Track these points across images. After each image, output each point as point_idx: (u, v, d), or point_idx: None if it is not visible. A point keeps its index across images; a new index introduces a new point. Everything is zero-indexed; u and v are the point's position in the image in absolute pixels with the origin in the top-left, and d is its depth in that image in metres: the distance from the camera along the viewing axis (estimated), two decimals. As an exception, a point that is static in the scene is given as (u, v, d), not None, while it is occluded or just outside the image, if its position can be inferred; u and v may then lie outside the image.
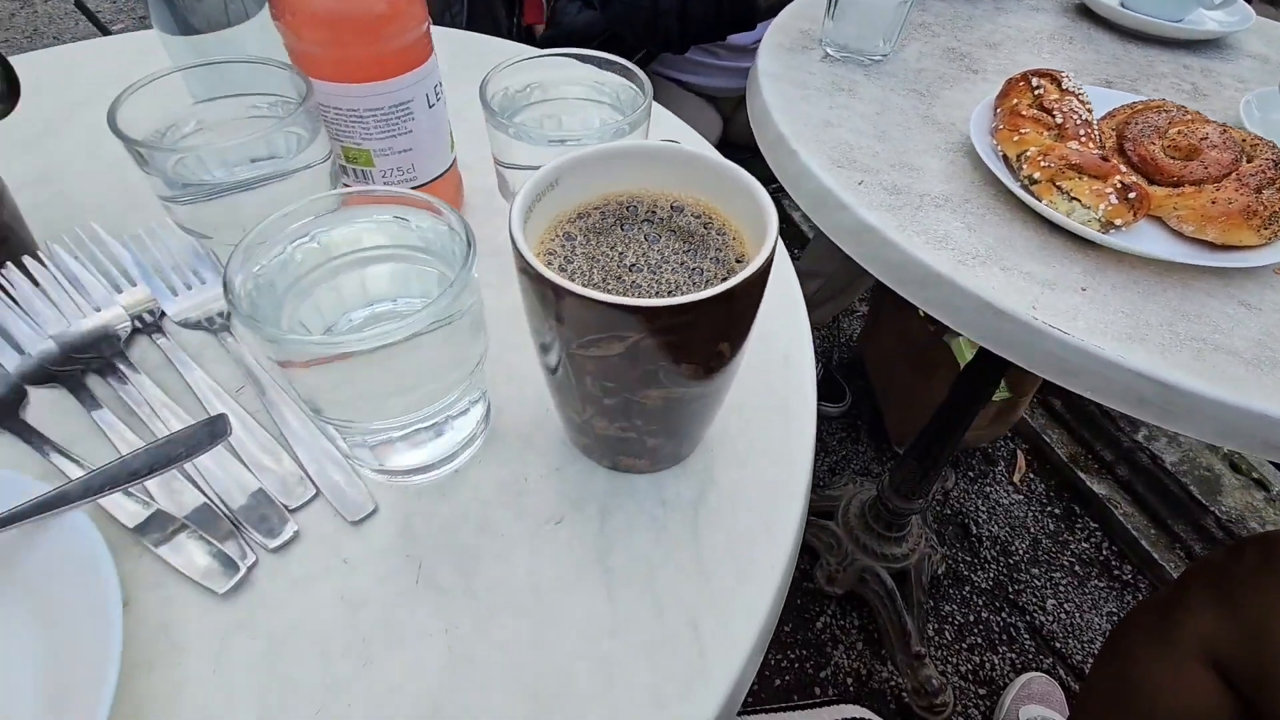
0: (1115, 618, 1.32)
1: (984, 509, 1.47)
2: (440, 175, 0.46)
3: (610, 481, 0.36)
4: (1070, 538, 1.44)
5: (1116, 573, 1.39)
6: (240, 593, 0.31)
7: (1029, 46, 0.77)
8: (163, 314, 0.42)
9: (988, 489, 1.51)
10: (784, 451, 0.38)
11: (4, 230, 0.41)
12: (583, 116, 0.42)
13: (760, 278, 0.26)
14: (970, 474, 1.53)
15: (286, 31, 0.38)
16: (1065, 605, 1.34)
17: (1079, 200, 0.51)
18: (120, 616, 0.27)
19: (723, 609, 0.32)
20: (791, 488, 0.36)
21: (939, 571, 1.35)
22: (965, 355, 1.43)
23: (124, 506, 0.32)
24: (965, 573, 1.38)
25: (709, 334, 0.27)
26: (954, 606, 1.33)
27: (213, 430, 0.32)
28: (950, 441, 1.10)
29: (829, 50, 0.73)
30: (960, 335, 1.48)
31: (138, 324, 0.41)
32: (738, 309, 0.27)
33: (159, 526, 0.32)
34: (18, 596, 0.30)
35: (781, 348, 0.43)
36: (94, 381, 0.38)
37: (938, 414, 1.09)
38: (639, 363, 0.27)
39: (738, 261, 0.30)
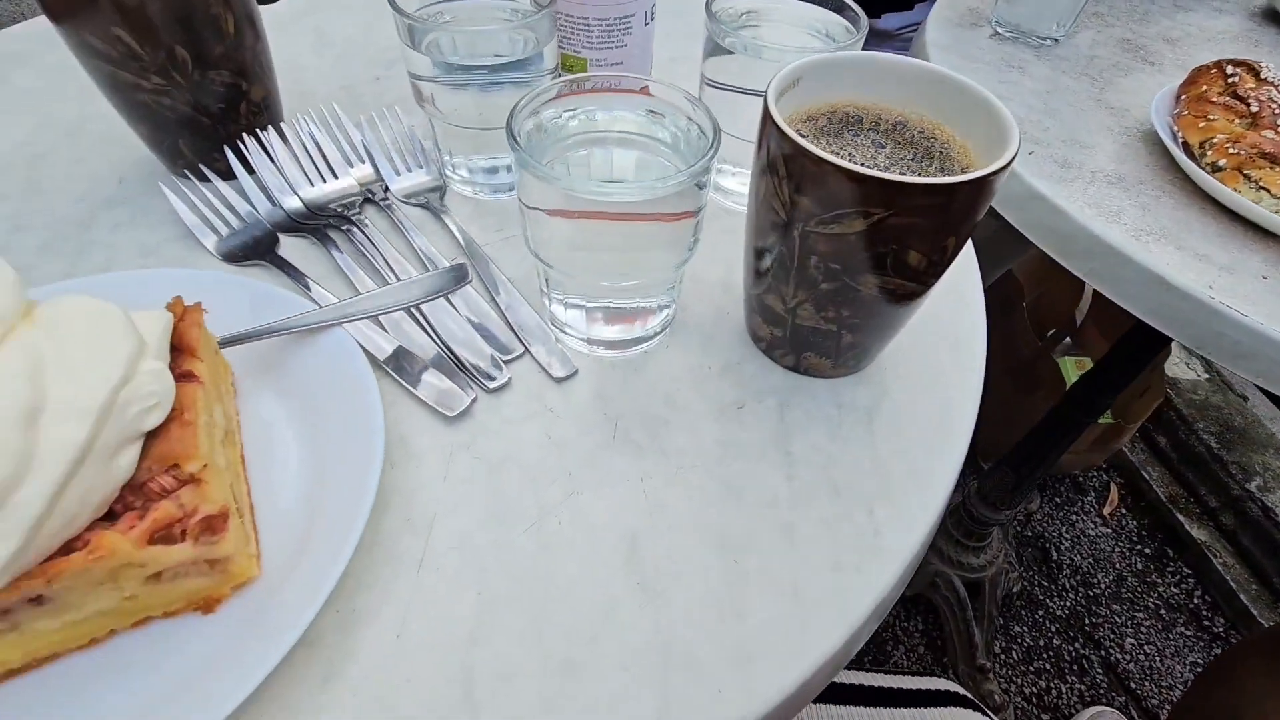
0: (1199, 668, 1.26)
1: (1068, 536, 1.42)
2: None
3: (787, 379, 0.38)
4: (1159, 580, 1.37)
5: (1207, 623, 1.32)
6: (464, 421, 0.35)
7: (1211, 46, 0.75)
8: (386, 189, 0.47)
9: (1074, 517, 1.45)
10: (955, 377, 0.39)
11: (267, 100, 0.46)
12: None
13: (1000, 176, 0.28)
14: (1057, 499, 1.48)
15: (538, -62, 0.42)
16: (1145, 647, 1.28)
17: (1268, 190, 0.50)
18: (383, 420, 0.31)
19: (897, 501, 0.34)
20: (963, 407, 0.38)
21: (1014, 590, 1.32)
22: (1071, 375, 1.38)
23: (374, 340, 0.37)
24: (1040, 597, 1.34)
25: (946, 224, 0.29)
26: (1025, 628, 1.30)
27: (456, 275, 0.36)
28: (1048, 458, 1.07)
29: (998, 29, 0.73)
30: (1069, 356, 1.43)
31: (367, 194, 0.46)
32: (975, 205, 0.29)
33: (400, 358, 0.37)
34: (286, 396, 0.34)
35: (953, 282, 0.44)
36: (334, 235, 0.43)
37: (1039, 427, 1.06)
38: (875, 243, 0.29)
39: (963, 173, 0.31)
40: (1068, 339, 1.45)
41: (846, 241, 0.29)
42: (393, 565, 0.30)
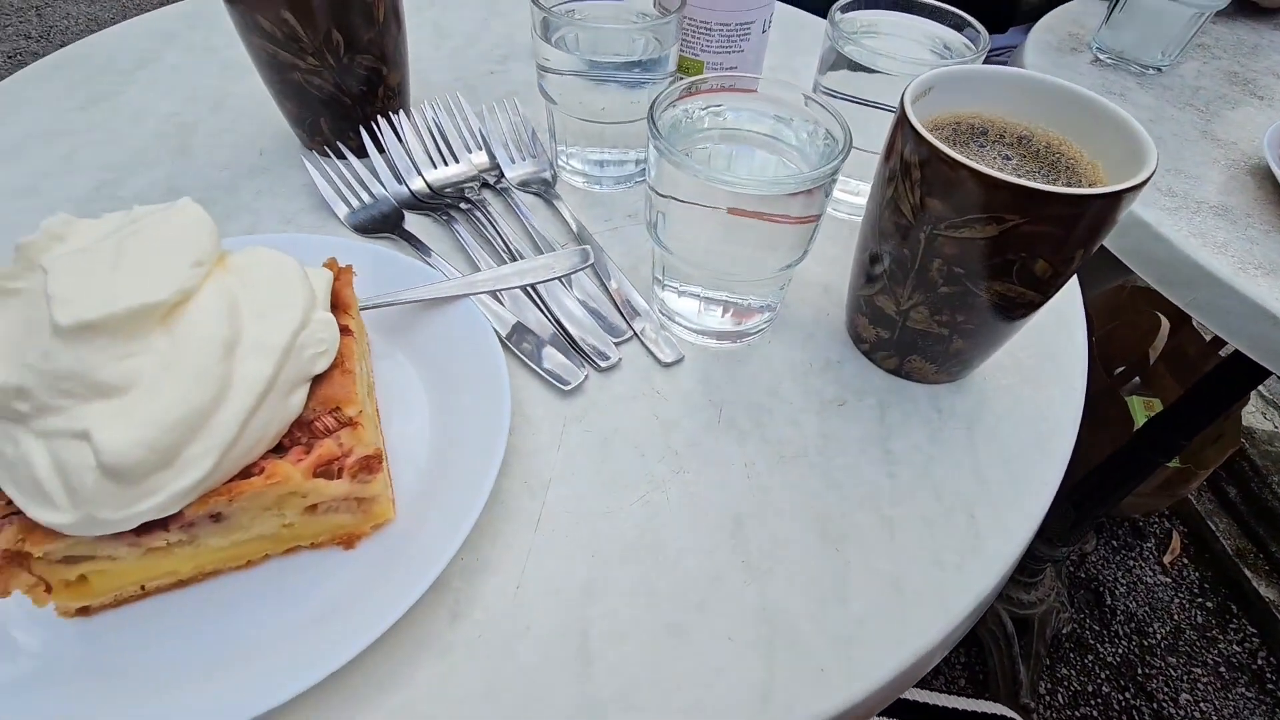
0: (1260, 732, 1.20)
1: (1124, 582, 1.38)
2: (747, 99, 0.50)
3: (887, 381, 0.39)
4: (1220, 636, 1.31)
5: (1271, 687, 1.26)
6: (577, 395, 0.37)
7: (1324, 84, 0.72)
8: (501, 175, 0.49)
9: (1131, 563, 1.40)
10: (1055, 393, 0.39)
11: (401, 86, 0.49)
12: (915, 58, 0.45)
13: (1136, 193, 0.28)
14: (1114, 542, 1.43)
15: (671, -56, 0.44)
16: (1201, 704, 1.23)
17: (1389, 231, 0.49)
18: (509, 386, 0.33)
19: (997, 507, 0.34)
20: (1063, 424, 0.38)
21: (1064, 631, 1.28)
22: (1139, 415, 1.34)
23: (498, 314, 0.39)
24: (1091, 641, 1.29)
25: (1077, 235, 0.29)
26: (1073, 671, 1.26)
27: (582, 257, 0.38)
28: (1110, 498, 1.05)
29: (1100, 55, 0.72)
30: (1137, 395, 1.39)
31: (485, 180, 0.49)
32: (1108, 218, 0.29)
33: (520, 333, 0.39)
34: (416, 358, 0.37)
35: (1055, 300, 0.44)
36: (454, 214, 0.46)
37: (1103, 465, 1.03)
38: (1004, 249, 0.30)
39: (1094, 187, 0.32)
40: (1137, 378, 1.41)
41: (975, 246, 0.30)
42: (512, 522, 0.32)
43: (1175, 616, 1.33)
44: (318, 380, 0.29)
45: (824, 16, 0.68)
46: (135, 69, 0.57)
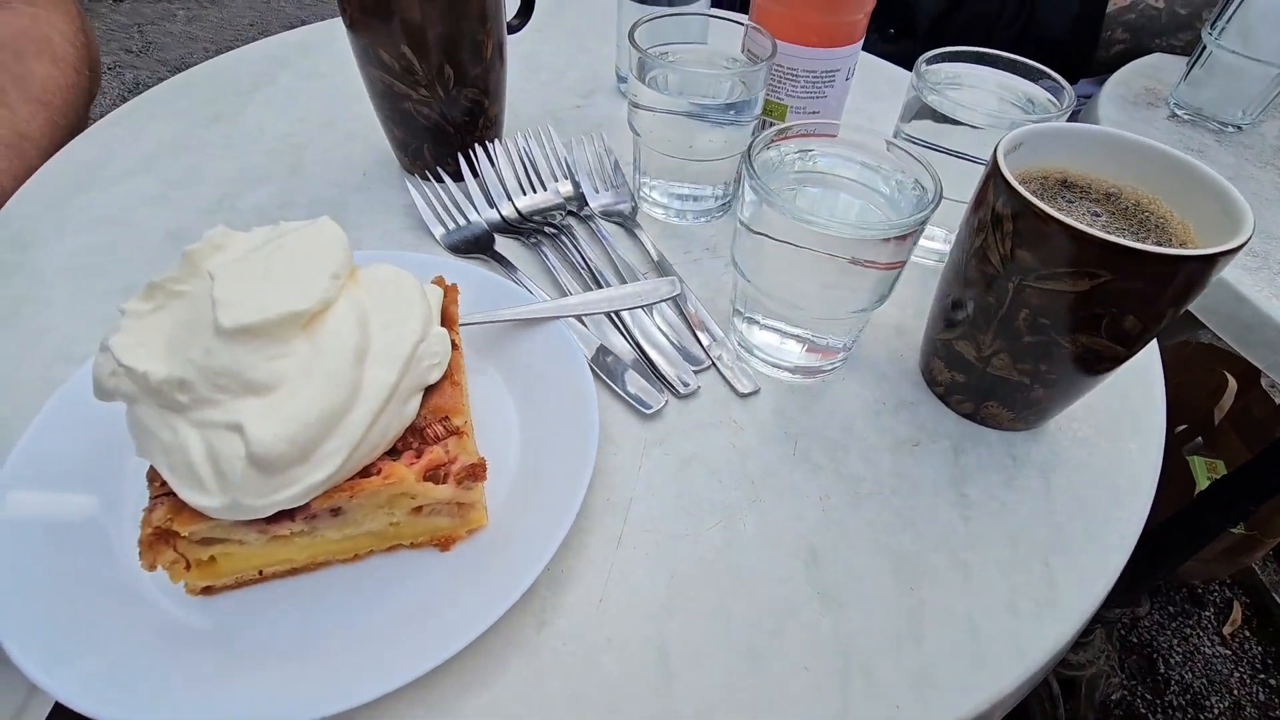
0: (1327, 824, 1.12)
1: (1179, 651, 1.31)
2: (826, 142, 0.52)
3: (961, 425, 0.40)
4: (1284, 716, 1.24)
5: (1338, 774, 1.18)
6: (656, 420, 0.39)
7: None
8: (585, 203, 0.52)
9: (1188, 631, 1.34)
10: (1133, 446, 0.39)
11: (498, 117, 0.52)
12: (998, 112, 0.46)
13: (1232, 255, 0.29)
14: (1170, 608, 1.37)
15: (766, -6, 0.46)
16: (1262, 787, 1.16)
17: None
18: (597, 406, 0.35)
19: (1074, 557, 0.34)
20: (1141, 478, 0.38)
21: (1113, 697, 1.23)
22: (1201, 477, 1.29)
23: (582, 336, 0.41)
24: (1143, 710, 1.23)
25: (1170, 294, 0.30)
26: (1122, 740, 1.20)
27: (670, 286, 0.40)
28: (1168, 561, 1.01)
29: (1178, 111, 0.72)
30: (1199, 456, 1.34)
31: (570, 208, 0.51)
32: (1201, 279, 0.30)
33: (603, 355, 0.40)
34: (508, 374, 0.39)
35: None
36: (540, 240, 0.48)
37: (1162, 526, 1.00)
38: (1092, 305, 0.31)
39: (1185, 247, 0.32)
40: (1200, 439, 1.36)
41: (1064, 299, 0.31)
42: (595, 538, 0.34)
43: (1235, 691, 1.27)
44: (429, 390, 0.31)
45: (898, 64, 0.70)
46: (253, 90, 0.61)
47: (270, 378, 0.26)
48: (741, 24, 0.48)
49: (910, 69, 0.45)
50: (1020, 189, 0.31)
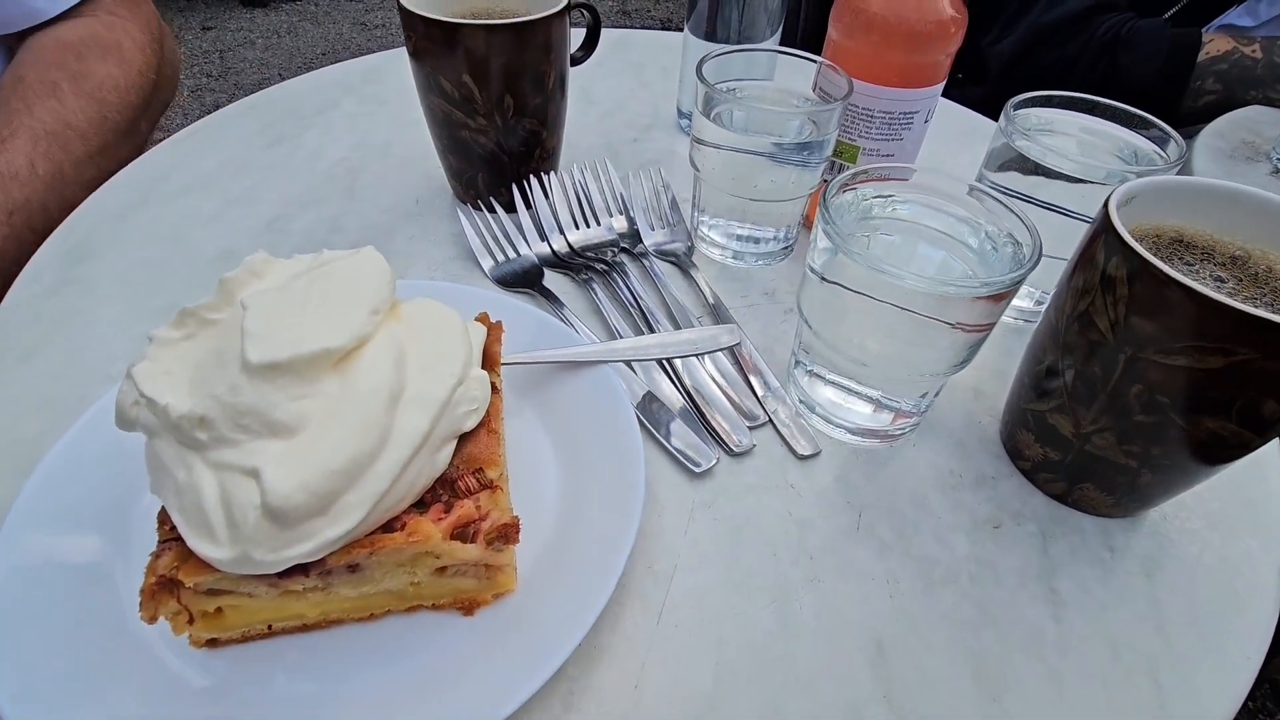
0: None
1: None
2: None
3: (1049, 507, 0.35)
4: (1388, 841, 1.10)
5: None
6: (706, 479, 0.35)
7: None
8: (639, 240, 0.49)
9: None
10: (1253, 544, 0.34)
11: (555, 149, 0.51)
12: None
13: (1402, 338, 0.25)
14: (1250, 704, 1.24)
15: (842, 32, 0.44)
16: None
17: None
18: (644, 466, 0.32)
19: (1187, 673, 0.29)
20: (1263, 579, 0.33)
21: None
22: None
23: (627, 380, 0.38)
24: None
25: (1322, 378, 0.26)
26: None
27: (729, 335, 0.37)
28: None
29: (1282, 167, 0.67)
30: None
31: (623, 244, 0.49)
32: (1361, 363, 0.25)
33: (649, 403, 0.38)
34: (549, 420, 0.36)
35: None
36: (591, 276, 0.46)
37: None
38: (1224, 385, 0.26)
39: (1332, 322, 0.28)
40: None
41: (1190, 376, 0.27)
42: (633, 609, 0.30)
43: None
44: (464, 437, 0.29)
45: (976, 109, 0.67)
46: (316, 114, 0.62)
47: (295, 419, 0.24)
48: (815, 61, 0.45)
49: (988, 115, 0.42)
50: (1137, 247, 0.27)
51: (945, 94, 0.66)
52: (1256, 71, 0.83)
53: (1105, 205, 0.29)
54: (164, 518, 0.25)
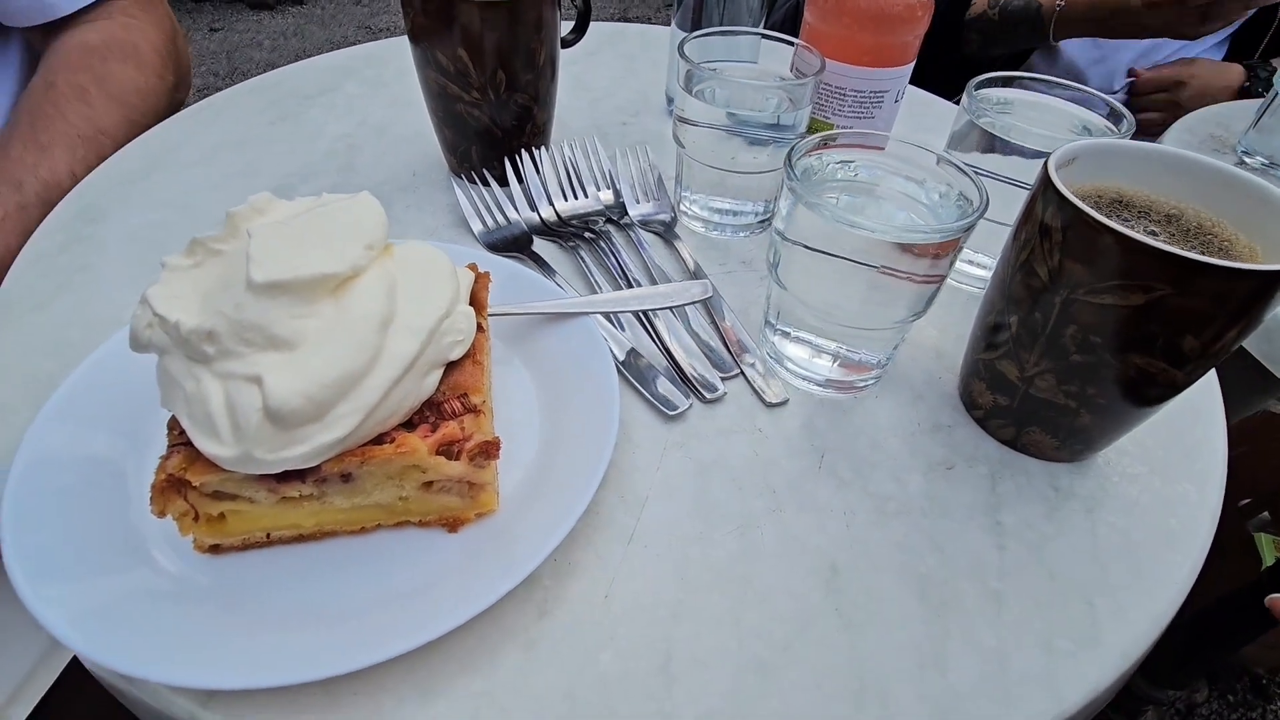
0: None
1: (1240, 746, 1.20)
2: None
3: (1000, 452, 0.38)
4: (1363, 832, 1.12)
5: None
6: (679, 422, 0.38)
7: None
8: (625, 212, 0.52)
9: (1251, 724, 1.23)
10: (1189, 489, 0.37)
11: (545, 125, 0.53)
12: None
13: (1304, 277, 0.27)
14: (1231, 697, 1.26)
15: (816, 15, 0.47)
16: None
17: None
18: (619, 401, 0.34)
19: (1119, 599, 0.32)
20: (1197, 522, 0.35)
21: (1164, 788, 1.13)
22: (1268, 555, 1.20)
23: (614, 338, 0.41)
24: (1197, 807, 1.13)
25: (1233, 314, 0.28)
26: (1174, 839, 1.10)
27: (702, 288, 0.39)
28: (1227, 643, 0.94)
29: (1245, 158, 0.70)
30: (1266, 533, 1.25)
31: (610, 215, 0.51)
32: (1264, 301, 0.28)
33: (633, 358, 0.40)
34: (533, 366, 0.39)
35: (1191, 396, 0.41)
36: (579, 243, 0.49)
37: (1222, 603, 0.93)
38: (1146, 322, 0.29)
39: (1251, 269, 0.31)
40: (1266, 513, 1.27)
41: (1117, 314, 0.29)
42: (606, 533, 0.33)
43: (1304, 799, 1.15)
44: (451, 367, 0.31)
45: (948, 98, 0.70)
46: (318, 95, 0.64)
47: (294, 335, 0.26)
48: (792, 43, 0.48)
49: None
50: (1070, 196, 0.30)
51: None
52: (995, 27, 0.90)
53: (1045, 163, 0.32)
54: (173, 425, 0.27)
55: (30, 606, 0.25)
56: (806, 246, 0.35)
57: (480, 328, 0.33)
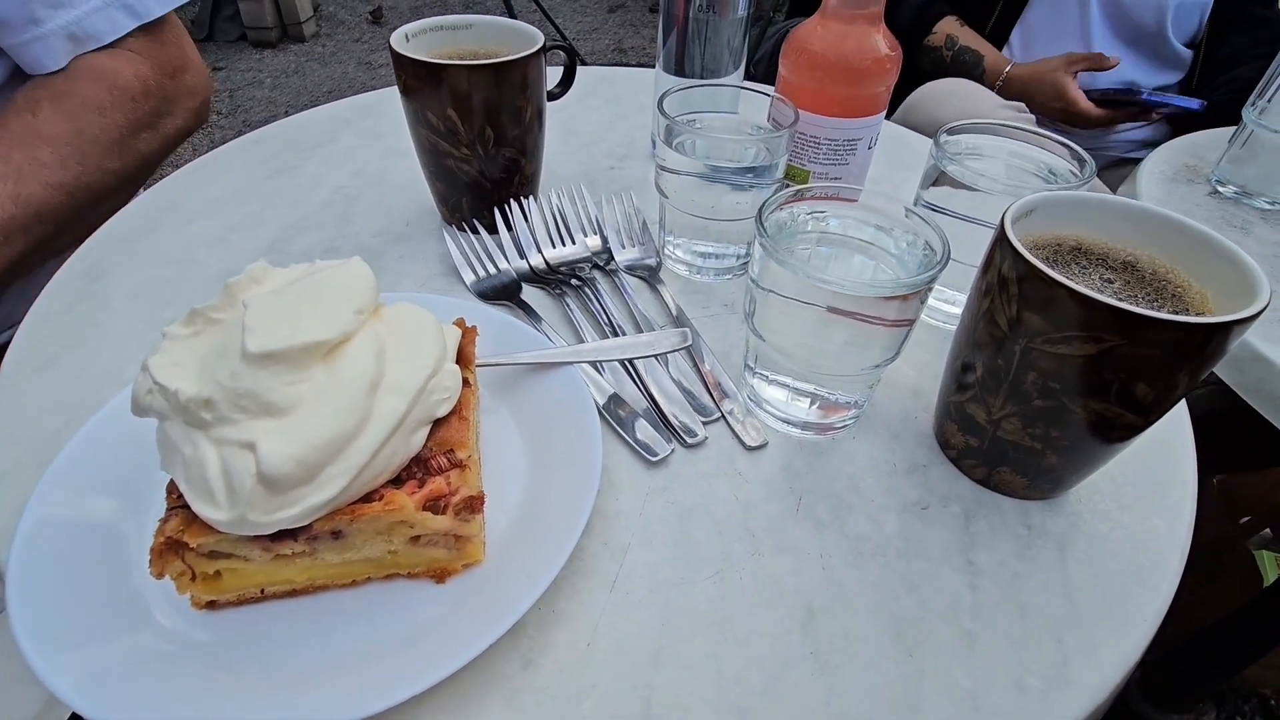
0: None
1: (1251, 769, 1.19)
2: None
3: (974, 491, 0.39)
4: None
5: None
6: (662, 467, 0.39)
7: None
8: (611, 258, 0.54)
9: (1261, 747, 1.21)
10: (1159, 523, 0.38)
11: (534, 175, 0.56)
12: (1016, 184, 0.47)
13: (1246, 325, 0.28)
14: (1238, 717, 1.25)
15: (789, 68, 0.49)
16: None
17: None
18: (602, 452, 0.36)
19: (1089, 635, 0.32)
20: (1167, 557, 0.36)
21: (1174, 814, 1.11)
22: (1270, 573, 1.19)
23: (597, 384, 0.42)
24: (1209, 833, 1.11)
25: (1181, 362, 0.29)
26: None
27: (681, 337, 0.41)
28: (1230, 664, 0.94)
29: (1219, 188, 0.71)
30: (1268, 550, 1.25)
31: (596, 261, 0.53)
32: (1215, 348, 0.29)
33: (616, 404, 0.41)
34: (519, 415, 0.40)
35: (1161, 429, 0.42)
36: (566, 290, 0.50)
37: (1225, 624, 0.93)
38: (1100, 370, 0.30)
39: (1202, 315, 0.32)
40: (1268, 530, 1.26)
41: (1071, 363, 0.31)
42: (589, 579, 0.34)
43: (1319, 823, 1.13)
44: (437, 423, 0.32)
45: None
46: (315, 147, 0.67)
47: (287, 401, 0.28)
48: (767, 95, 0.50)
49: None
50: (1024, 251, 0.31)
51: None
52: (944, 65, 1.02)
53: (1002, 216, 0.33)
54: (172, 488, 0.29)
55: (36, 670, 0.26)
56: (779, 295, 0.36)
57: (467, 383, 0.34)
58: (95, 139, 0.60)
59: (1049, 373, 0.32)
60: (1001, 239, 0.33)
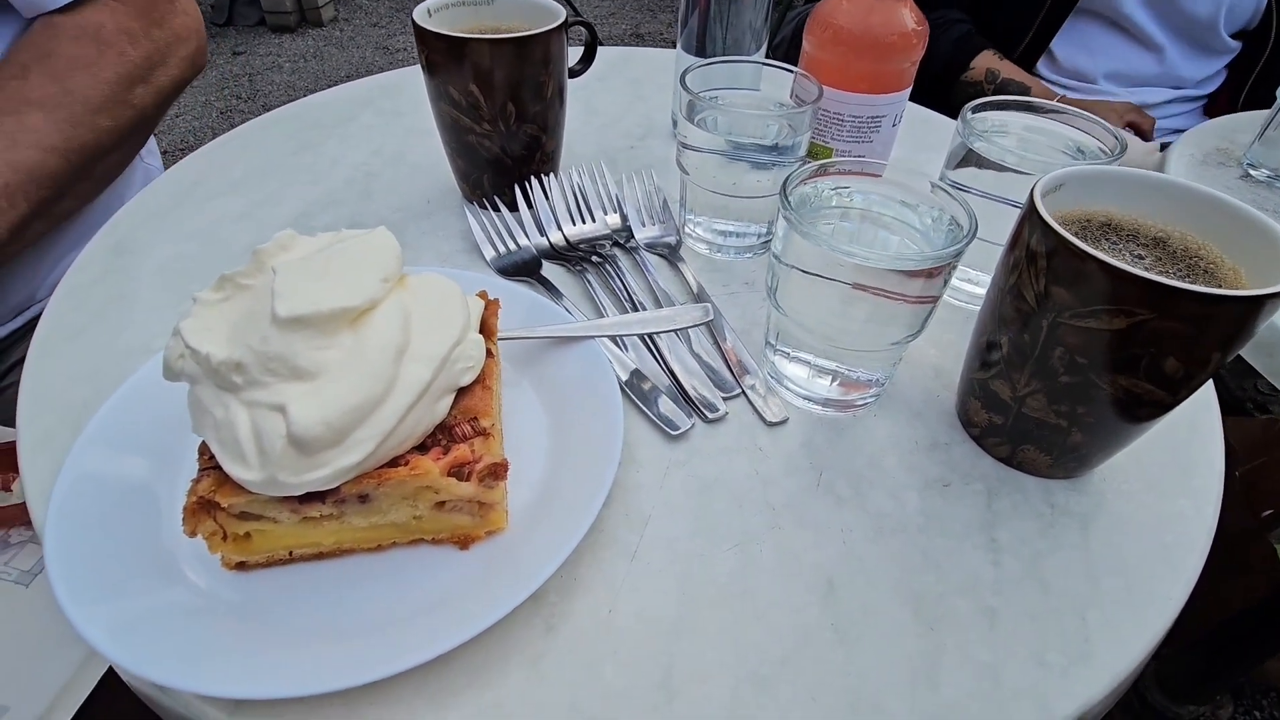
0: None
1: (1268, 763, 1.18)
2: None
3: (997, 469, 0.39)
4: None
5: None
6: (683, 441, 0.39)
7: None
8: (631, 235, 0.54)
9: (1279, 741, 1.20)
10: (1185, 504, 0.37)
11: (555, 152, 0.55)
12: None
13: (1277, 301, 0.28)
14: (1257, 712, 1.24)
15: (814, 44, 0.48)
16: None
17: None
18: (623, 423, 0.36)
19: (1111, 614, 0.32)
20: (1193, 539, 0.36)
21: (1188, 806, 1.10)
22: (1293, 566, 1.18)
23: (619, 359, 0.42)
24: (1223, 826, 1.11)
25: (1211, 337, 0.29)
26: None
27: (703, 312, 0.41)
28: (1249, 656, 0.92)
29: (1251, 171, 0.70)
30: (1290, 542, 1.23)
31: (616, 239, 0.53)
32: (1247, 323, 0.29)
33: (637, 379, 0.41)
34: (541, 388, 0.40)
35: (1189, 410, 0.42)
36: (586, 266, 0.50)
37: (1244, 616, 0.92)
38: (1130, 345, 0.30)
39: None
40: (1291, 525, 1.25)
41: (1100, 337, 0.30)
42: (610, 550, 0.34)
43: (1335, 818, 1.12)
44: (461, 392, 0.33)
45: (952, 116, 0.71)
46: (336, 125, 0.67)
47: (316, 366, 0.28)
48: (791, 71, 0.50)
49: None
50: (1054, 224, 0.31)
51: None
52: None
53: (1031, 190, 0.33)
54: (203, 450, 0.29)
55: (73, 621, 0.27)
56: (802, 270, 0.36)
57: (490, 353, 0.35)
58: (86, 98, 0.59)
59: (1076, 348, 0.31)
60: (1031, 213, 0.32)
